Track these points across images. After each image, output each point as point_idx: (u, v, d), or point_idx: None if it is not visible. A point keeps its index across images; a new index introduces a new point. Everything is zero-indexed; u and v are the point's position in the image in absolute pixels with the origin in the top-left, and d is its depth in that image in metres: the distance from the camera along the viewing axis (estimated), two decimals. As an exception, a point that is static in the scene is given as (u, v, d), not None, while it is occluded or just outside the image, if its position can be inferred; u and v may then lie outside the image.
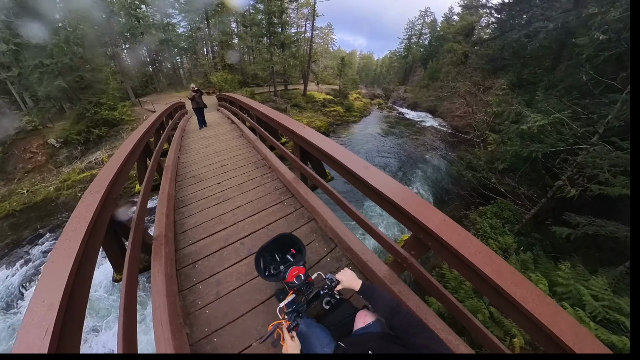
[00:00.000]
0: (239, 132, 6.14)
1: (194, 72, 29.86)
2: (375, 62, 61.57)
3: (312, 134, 2.31)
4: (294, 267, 1.49)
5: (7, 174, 15.00)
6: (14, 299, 7.88)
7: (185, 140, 5.98)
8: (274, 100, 20.85)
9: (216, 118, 9.32)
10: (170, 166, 3.92)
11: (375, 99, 36.16)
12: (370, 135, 19.78)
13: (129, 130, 17.32)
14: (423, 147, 17.34)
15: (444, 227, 1.18)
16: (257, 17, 22.62)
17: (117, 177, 1.84)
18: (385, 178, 1.54)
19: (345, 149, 1.95)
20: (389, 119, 26.11)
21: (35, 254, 9.45)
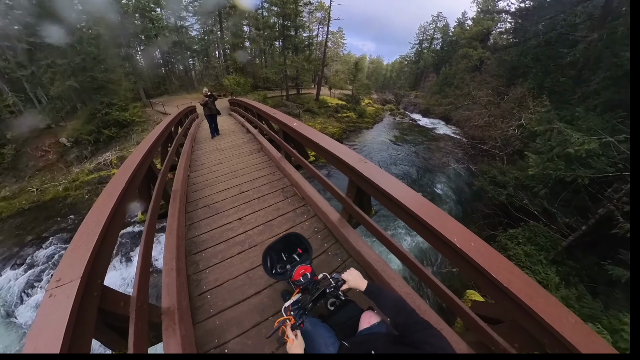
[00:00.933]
0: (257, 144, 5.48)
1: (205, 74, 29.82)
2: (384, 66, 61.05)
3: (374, 172, 1.83)
4: (301, 266, 1.49)
5: (19, 171, 15.11)
6: (14, 305, 7.73)
7: (196, 152, 5.41)
8: (286, 105, 20.47)
9: (229, 125, 8.75)
10: (178, 191, 3.28)
11: (386, 105, 35.57)
12: (384, 143, 19.14)
13: (139, 132, 17.23)
14: (440, 157, 16.62)
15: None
16: (271, 20, 22.42)
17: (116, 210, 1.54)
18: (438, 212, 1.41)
19: (402, 185, 1.67)
20: (402, 125, 25.45)
21: (40, 258, 9.31)
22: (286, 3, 19.09)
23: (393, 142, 19.49)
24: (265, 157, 4.81)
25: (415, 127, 25.07)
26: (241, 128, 7.77)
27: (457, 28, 40.33)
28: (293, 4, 19.34)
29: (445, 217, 1.35)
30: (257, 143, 5.52)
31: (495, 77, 23.43)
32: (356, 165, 1.89)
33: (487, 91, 21.08)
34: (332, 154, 2.17)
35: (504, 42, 26.89)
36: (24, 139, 15.59)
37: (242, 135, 6.74)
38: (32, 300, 7.89)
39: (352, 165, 1.91)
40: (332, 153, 2.16)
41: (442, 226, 1.28)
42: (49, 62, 14.01)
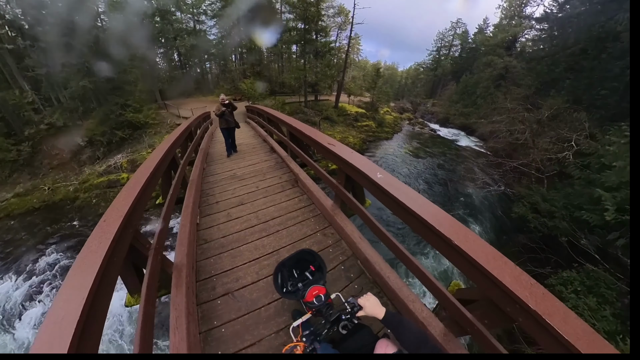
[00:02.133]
0: (289, 173, 4.12)
1: (221, 77, 29.89)
2: (399, 73, 59.85)
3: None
4: (314, 287, 1.39)
5: (34, 168, 15.24)
6: (13, 317, 7.52)
7: (208, 180, 4.15)
8: (304, 112, 19.76)
9: (248, 137, 7.57)
10: (184, 269, 1.99)
11: (404, 113, 34.43)
12: (407, 156, 18.05)
13: (151, 134, 16.97)
14: (467, 174, 15.36)
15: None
16: (291, 23, 21.95)
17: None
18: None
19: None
20: (422, 136, 24.27)
21: (41, 267, 9.04)
22: (308, 5, 18.50)
23: (415, 155, 18.36)
24: (306, 200, 3.39)
25: (436, 139, 23.80)
26: (262, 143, 6.60)
27: (477, 35, 39.02)
28: (314, 7, 18.77)
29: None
30: (289, 171, 4.25)
31: (523, 87, 22.00)
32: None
33: (517, 103, 19.63)
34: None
35: (530, 50, 25.42)
36: (40, 137, 15.77)
37: (266, 154, 5.54)
38: (31, 314, 7.51)
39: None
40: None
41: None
42: (63, 62, 13.98)
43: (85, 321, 0.87)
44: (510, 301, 1.02)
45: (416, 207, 1.41)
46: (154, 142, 15.75)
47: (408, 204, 1.44)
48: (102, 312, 1.08)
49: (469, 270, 1.18)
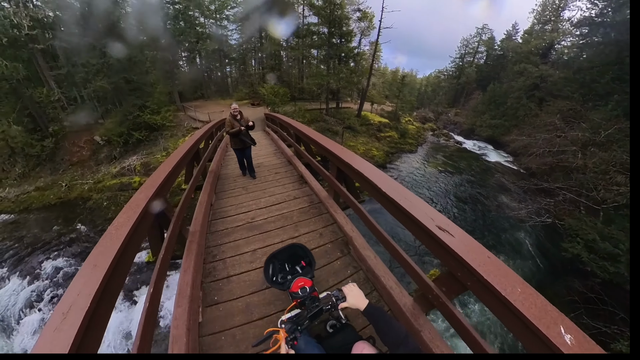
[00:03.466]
0: (332, 224, 2.96)
1: (241, 81, 30.05)
2: (418, 81, 58.18)
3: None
4: (300, 278, 1.45)
5: (54, 164, 15.58)
6: (13, 322, 7.39)
7: (215, 227, 3.00)
8: (325, 120, 18.80)
9: (268, 154, 6.24)
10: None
11: (426, 123, 32.73)
12: (434, 173, 16.50)
13: (167, 136, 16.76)
14: (501, 195, 13.76)
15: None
16: (313, 27, 21.44)
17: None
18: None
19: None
20: (448, 149, 22.54)
21: (46, 271, 8.86)
22: (334, 7, 17.81)
23: (443, 172, 16.81)
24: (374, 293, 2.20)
25: (462, 152, 22.04)
26: (287, 165, 5.23)
27: (505, 41, 37.08)
28: (340, 10, 18.05)
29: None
30: (332, 221, 3.00)
31: (562, 99, 20.06)
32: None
33: (557, 117, 17.74)
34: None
35: (566, 58, 23.33)
36: (63, 134, 16.13)
37: (294, 185, 4.11)
38: (29, 321, 7.28)
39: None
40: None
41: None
42: (83, 62, 14.15)
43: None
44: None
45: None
46: (168, 146, 15.46)
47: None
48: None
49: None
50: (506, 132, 24.94)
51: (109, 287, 1.09)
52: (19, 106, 14.52)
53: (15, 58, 13.73)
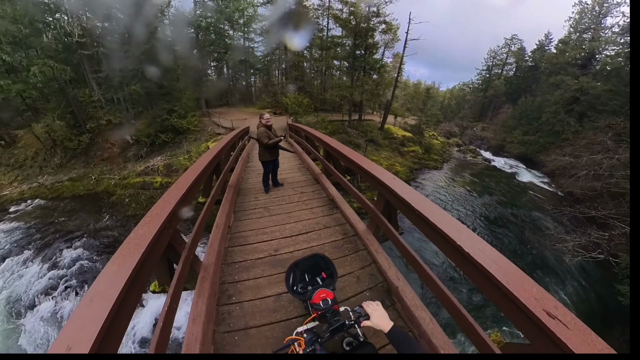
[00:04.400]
0: (378, 274, 2.34)
1: (264, 91, 31.00)
2: (441, 94, 56.53)
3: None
4: (323, 290, 1.40)
5: (88, 157, 16.79)
6: (27, 306, 7.57)
7: (232, 256, 2.58)
8: (347, 132, 18.37)
9: (292, 168, 5.68)
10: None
11: (451, 138, 31.18)
12: (463, 193, 15.23)
13: (191, 140, 17.21)
14: (538, 221, 12.35)
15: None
16: (337, 39, 21.53)
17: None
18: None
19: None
20: (475, 167, 21.02)
21: (65, 261, 9.17)
22: (361, 19, 17.70)
23: (471, 191, 15.51)
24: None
25: (491, 171, 20.40)
26: (313, 183, 4.68)
27: (537, 52, 35.08)
28: (365, 23, 17.93)
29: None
30: (370, 260, 2.50)
31: (607, 114, 18.12)
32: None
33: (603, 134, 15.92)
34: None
35: (609, 68, 21.20)
36: (99, 131, 17.32)
37: (322, 210, 3.54)
38: (41, 309, 7.42)
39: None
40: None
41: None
42: (120, 67, 15.24)
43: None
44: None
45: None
46: (191, 149, 15.84)
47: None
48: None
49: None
50: (541, 149, 22.98)
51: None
52: (63, 104, 16.04)
53: (66, 62, 15.20)
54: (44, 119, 15.91)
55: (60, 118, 15.63)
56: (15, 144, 17.80)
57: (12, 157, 17.03)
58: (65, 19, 15.15)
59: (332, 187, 4.04)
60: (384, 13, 18.88)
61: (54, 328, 6.91)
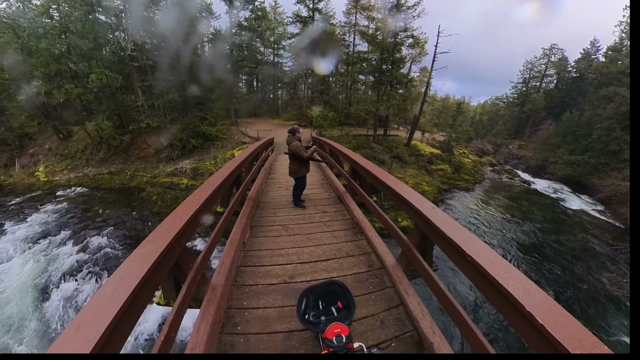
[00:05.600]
0: (389, 284, 2.27)
1: (290, 103, 32.21)
2: (472, 108, 53.75)
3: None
4: (337, 324, 1.31)
5: (126, 155, 18.51)
6: (54, 284, 7.94)
7: (244, 276, 2.40)
8: (372, 147, 17.92)
9: (315, 183, 5.52)
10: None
11: (484, 156, 28.91)
12: (497, 218, 13.58)
13: (218, 147, 18.03)
14: (592, 258, 10.58)
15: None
16: (363, 54, 21.66)
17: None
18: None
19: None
20: (513, 189, 18.95)
21: (93, 246, 9.74)
22: (388, 33, 17.63)
23: (508, 217, 13.77)
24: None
25: (531, 195, 18.17)
26: (337, 202, 4.33)
27: (582, 61, 32.09)
28: (392, 38, 17.80)
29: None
30: (399, 301, 2.10)
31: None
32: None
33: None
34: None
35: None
36: (139, 132, 19.09)
37: (346, 234, 3.20)
38: (65, 288, 7.78)
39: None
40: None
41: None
42: (163, 77, 16.93)
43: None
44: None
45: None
46: (217, 155, 16.54)
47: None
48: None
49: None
50: (592, 171, 20.37)
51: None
52: (112, 107, 17.99)
53: (119, 71, 17.36)
54: (95, 118, 18.02)
55: (108, 119, 17.75)
56: (70, 138, 20.28)
57: (66, 149, 19.43)
58: (122, 36, 17.56)
59: (357, 209, 3.66)
60: (411, 27, 18.67)
61: (72, 309, 7.16)
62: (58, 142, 20.04)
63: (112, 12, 17.34)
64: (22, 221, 11.56)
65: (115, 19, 17.68)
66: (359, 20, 23.04)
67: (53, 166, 18.53)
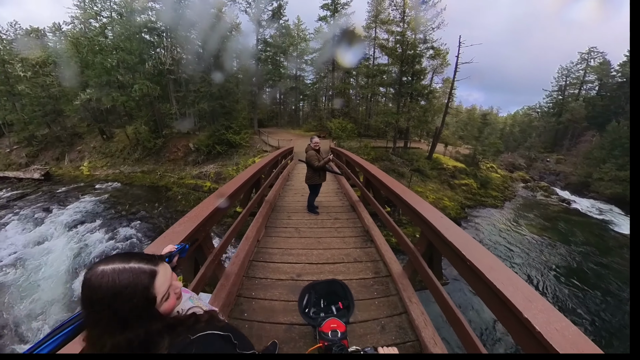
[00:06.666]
0: (393, 292, 2.28)
1: (310, 115, 33.33)
2: (501, 120, 50.75)
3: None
4: (334, 319, 1.33)
5: (158, 157, 20.26)
6: (84, 265, 8.64)
7: (256, 268, 2.59)
8: (391, 160, 17.58)
9: (330, 192, 5.61)
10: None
11: (515, 172, 26.79)
12: (530, 240, 12.18)
13: (241, 154, 18.95)
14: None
15: None
16: (383, 67, 21.83)
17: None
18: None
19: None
20: (549, 209, 17.13)
21: (121, 235, 10.61)
22: (407, 46, 17.67)
23: (543, 240, 12.30)
24: None
25: (572, 215, 16.27)
26: (348, 208, 4.50)
27: (628, 65, 28.99)
28: (412, 50, 17.83)
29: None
30: (402, 309, 2.10)
31: None
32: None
33: None
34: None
35: None
36: (171, 137, 20.97)
37: (355, 238, 3.31)
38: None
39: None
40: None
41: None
42: (195, 89, 18.68)
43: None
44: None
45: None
46: (239, 162, 17.35)
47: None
48: None
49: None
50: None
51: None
52: (150, 114, 20.04)
53: (158, 83, 19.46)
54: (135, 123, 20.09)
55: (145, 124, 19.83)
56: (112, 139, 22.80)
57: (107, 148, 21.88)
58: (162, 52, 19.79)
59: (368, 218, 3.71)
60: (431, 39, 18.54)
61: None
62: (102, 142, 22.75)
63: (155, 32, 19.72)
64: (65, 207, 13.12)
65: (157, 37, 20.05)
66: (379, 34, 23.40)
67: (95, 162, 21.08)
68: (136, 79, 18.36)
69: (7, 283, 7.76)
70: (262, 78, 25.20)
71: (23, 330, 6.33)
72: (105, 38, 19.48)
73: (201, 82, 18.65)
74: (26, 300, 7.18)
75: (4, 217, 12.24)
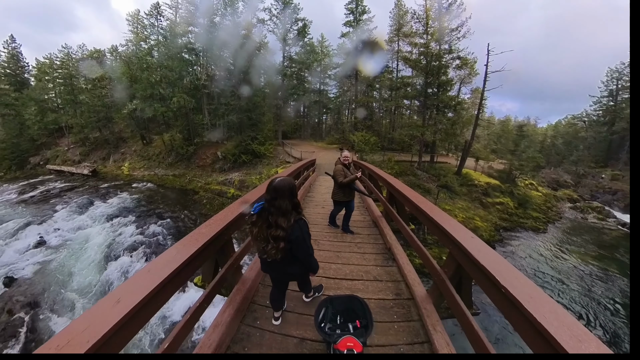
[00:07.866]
0: (415, 317, 2.06)
1: (333, 128, 33.98)
2: (540, 131, 46.50)
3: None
4: (352, 338, 1.32)
5: (189, 163, 22.13)
6: (114, 257, 9.35)
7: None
8: (416, 175, 16.66)
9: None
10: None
11: (559, 190, 23.69)
12: (579, 269, 10.58)
13: (265, 164, 19.60)
14: None
15: None
16: (407, 79, 21.58)
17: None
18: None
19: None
20: (606, 234, 14.72)
21: (149, 232, 11.36)
22: (432, 58, 17.28)
23: (599, 272, 10.55)
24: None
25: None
26: (370, 223, 4.30)
27: None
28: (437, 61, 17.35)
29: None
30: (425, 338, 1.87)
31: None
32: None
33: None
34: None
35: None
36: (201, 145, 22.78)
37: (376, 255, 3.16)
38: (122, 262, 9.04)
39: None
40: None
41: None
42: (225, 102, 20.48)
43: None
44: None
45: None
46: (263, 171, 17.93)
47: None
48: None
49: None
50: None
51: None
52: (184, 123, 22.33)
53: (193, 96, 21.60)
54: (171, 131, 22.52)
55: (180, 132, 22.06)
56: (150, 144, 25.74)
57: (145, 152, 24.61)
58: (198, 69, 22.21)
59: (391, 235, 3.54)
60: (457, 49, 17.84)
61: (121, 279, 8.34)
62: (142, 146, 25.83)
63: (193, 52, 22.14)
64: (104, 201, 14.84)
65: (195, 56, 22.42)
66: (402, 47, 23.27)
67: (135, 164, 23.88)
68: (175, 93, 20.44)
69: (53, 261, 8.88)
70: (287, 92, 26.53)
71: (60, 301, 7.20)
72: (151, 57, 22.14)
73: (231, 96, 20.25)
74: (65, 276, 8.13)
75: (56, 204, 14.18)
